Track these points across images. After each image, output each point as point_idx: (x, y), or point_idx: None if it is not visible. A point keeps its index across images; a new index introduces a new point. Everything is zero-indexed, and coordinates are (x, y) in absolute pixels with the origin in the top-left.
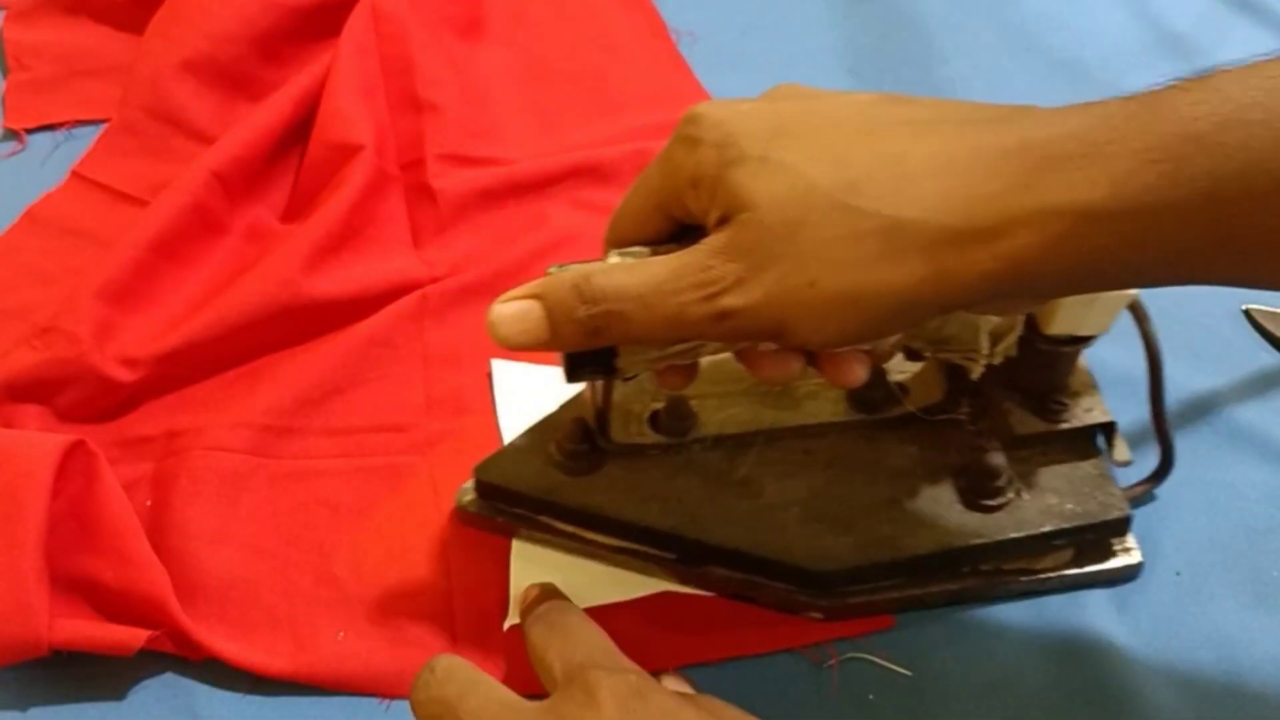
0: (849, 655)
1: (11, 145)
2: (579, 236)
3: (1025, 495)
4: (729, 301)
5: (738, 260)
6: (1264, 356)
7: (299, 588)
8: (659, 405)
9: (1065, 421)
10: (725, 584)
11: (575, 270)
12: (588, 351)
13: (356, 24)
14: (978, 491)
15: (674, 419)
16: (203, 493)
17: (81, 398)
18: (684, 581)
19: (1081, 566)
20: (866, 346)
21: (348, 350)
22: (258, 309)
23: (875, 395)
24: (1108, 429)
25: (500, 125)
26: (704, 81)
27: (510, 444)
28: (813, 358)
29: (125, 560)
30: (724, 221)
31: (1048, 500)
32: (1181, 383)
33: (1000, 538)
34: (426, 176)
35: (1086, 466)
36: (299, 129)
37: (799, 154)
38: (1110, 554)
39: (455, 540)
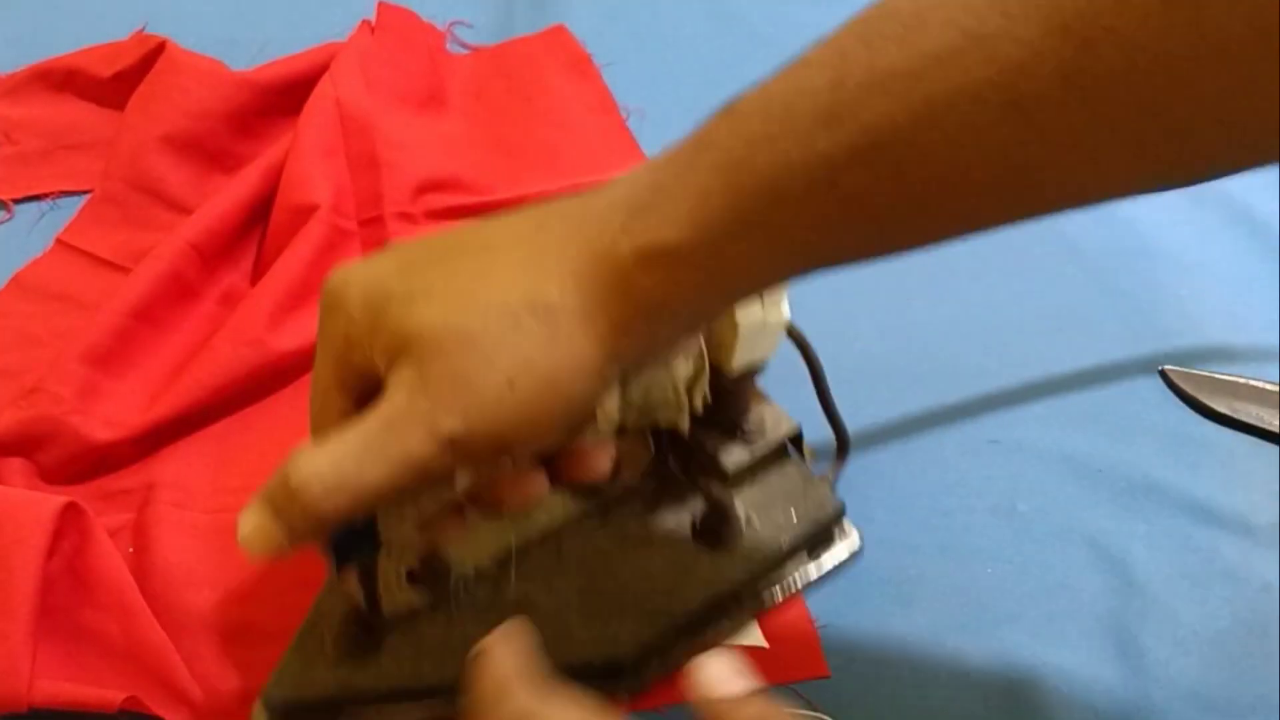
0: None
1: (0, 215)
2: None
3: (756, 520)
4: (447, 426)
5: (435, 387)
6: (1180, 414)
7: (282, 633)
8: (411, 564)
9: (763, 442)
10: None
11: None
12: (348, 536)
13: (319, 101)
14: (716, 534)
15: (429, 568)
16: (182, 542)
17: (64, 455)
18: None
19: (818, 558)
20: (594, 434)
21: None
22: (229, 369)
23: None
24: (797, 435)
25: (459, 183)
26: (650, 156)
27: (286, 656)
28: (556, 471)
29: (126, 611)
30: (396, 365)
31: (776, 518)
32: (1103, 448)
33: (753, 566)
34: (385, 232)
35: (791, 473)
36: (268, 198)
37: (440, 278)
38: (835, 541)
39: None
